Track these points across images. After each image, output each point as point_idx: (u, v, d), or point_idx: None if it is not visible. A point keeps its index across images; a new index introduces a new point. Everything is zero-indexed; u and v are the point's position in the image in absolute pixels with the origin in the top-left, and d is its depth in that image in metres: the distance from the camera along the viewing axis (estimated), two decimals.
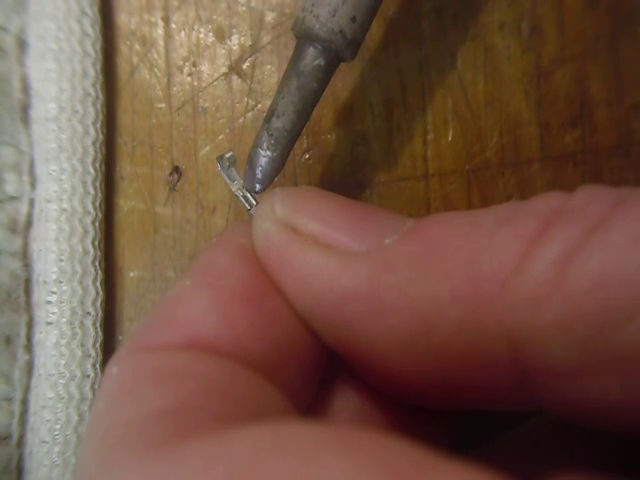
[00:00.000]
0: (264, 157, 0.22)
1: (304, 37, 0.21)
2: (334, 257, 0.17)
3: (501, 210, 0.17)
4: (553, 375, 0.15)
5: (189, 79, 0.28)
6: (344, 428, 0.14)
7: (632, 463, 0.18)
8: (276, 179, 0.26)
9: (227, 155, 0.22)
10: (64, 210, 0.25)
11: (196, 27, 0.27)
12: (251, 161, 0.22)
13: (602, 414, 0.16)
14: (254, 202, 0.22)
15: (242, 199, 0.22)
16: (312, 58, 0.21)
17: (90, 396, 0.25)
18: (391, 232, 0.17)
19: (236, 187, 0.22)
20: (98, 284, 0.26)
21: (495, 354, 0.16)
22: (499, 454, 0.20)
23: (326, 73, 0.22)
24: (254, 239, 0.19)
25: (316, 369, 0.19)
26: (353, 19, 0.21)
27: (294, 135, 0.22)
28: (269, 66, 0.27)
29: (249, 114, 0.27)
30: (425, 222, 0.17)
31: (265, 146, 0.22)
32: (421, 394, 0.18)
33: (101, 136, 0.26)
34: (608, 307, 0.14)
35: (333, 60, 0.22)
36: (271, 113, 0.22)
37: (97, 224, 0.26)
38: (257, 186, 0.22)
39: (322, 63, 0.21)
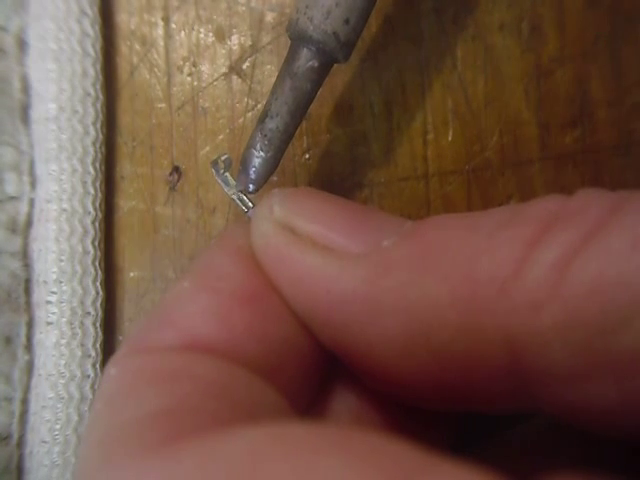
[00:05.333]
0: (257, 158, 0.22)
1: (298, 39, 0.21)
2: (332, 259, 0.17)
3: (500, 213, 0.17)
4: (551, 378, 0.15)
5: (189, 79, 0.28)
6: (342, 429, 0.14)
7: (632, 464, 0.18)
8: (275, 179, 0.26)
9: (222, 157, 0.22)
10: (64, 210, 0.25)
11: (196, 27, 0.27)
12: (244, 162, 0.22)
13: (601, 418, 0.16)
14: (250, 204, 0.22)
15: (238, 202, 0.22)
16: (306, 59, 0.21)
17: (90, 396, 0.25)
18: (389, 234, 0.17)
19: (232, 190, 0.22)
20: (98, 284, 0.26)
21: (493, 357, 0.16)
22: (499, 454, 0.21)
23: (320, 74, 0.22)
24: (252, 240, 0.19)
25: (314, 370, 0.19)
26: (346, 21, 0.21)
27: (288, 136, 0.22)
28: (269, 66, 0.27)
29: (249, 114, 0.27)
30: (423, 224, 0.17)
31: (258, 147, 0.22)
32: (420, 396, 0.18)
33: (101, 136, 0.26)
34: (606, 311, 0.14)
35: (327, 62, 0.22)
36: (265, 114, 0.22)
37: (97, 224, 0.26)
38: (250, 186, 0.22)
39: (316, 65, 0.21)
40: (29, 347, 0.25)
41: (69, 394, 0.24)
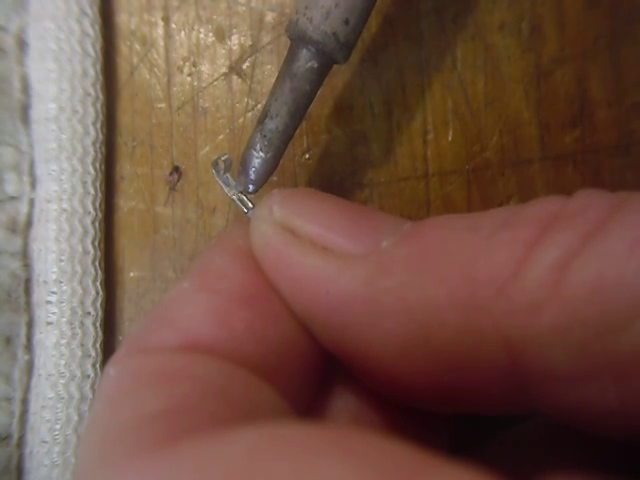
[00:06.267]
0: (257, 158, 0.22)
1: (297, 39, 0.21)
2: (331, 260, 0.17)
3: (499, 214, 0.17)
4: (551, 380, 0.15)
5: (189, 79, 0.28)
6: (340, 429, 0.14)
7: (632, 464, 0.18)
8: (275, 179, 0.26)
9: (223, 158, 0.22)
10: (64, 210, 0.25)
11: (196, 27, 0.27)
12: (244, 162, 0.22)
13: (600, 419, 0.16)
14: (250, 205, 0.22)
15: (238, 202, 0.22)
16: (305, 60, 0.21)
17: (90, 396, 0.25)
18: (389, 235, 0.17)
19: (232, 191, 0.22)
20: (98, 284, 0.26)
21: (493, 358, 0.16)
22: (498, 454, 0.20)
23: (319, 75, 0.22)
24: (252, 241, 0.19)
25: (314, 371, 0.19)
26: (346, 22, 0.21)
27: (287, 137, 0.22)
28: (269, 66, 0.27)
29: (249, 114, 0.27)
30: (423, 225, 0.17)
31: (258, 147, 0.22)
32: (419, 397, 0.18)
33: (101, 136, 0.26)
34: (606, 313, 0.14)
35: (326, 62, 0.22)
36: (264, 115, 0.22)
37: (97, 224, 0.26)
38: (250, 187, 0.22)
39: (315, 65, 0.21)
40: (29, 347, 0.25)
41: (69, 394, 0.24)
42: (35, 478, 0.24)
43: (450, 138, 0.27)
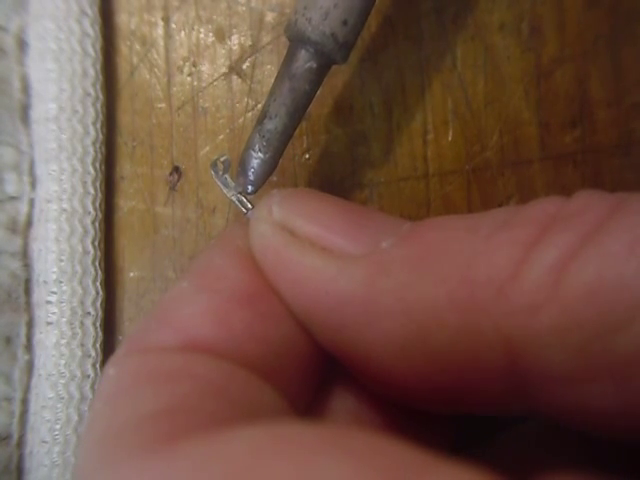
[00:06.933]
0: (256, 159, 0.22)
1: (296, 40, 0.21)
2: (330, 260, 0.17)
3: (498, 215, 0.17)
4: (550, 380, 0.15)
5: (189, 79, 0.28)
6: (340, 429, 0.14)
7: (632, 464, 0.18)
8: (275, 179, 0.26)
9: (222, 159, 0.22)
10: (64, 210, 0.25)
11: (196, 27, 0.27)
12: (243, 163, 0.22)
13: (599, 419, 0.16)
14: (249, 205, 0.22)
15: (237, 203, 0.22)
16: (304, 61, 0.21)
17: (90, 396, 0.25)
18: (388, 235, 0.17)
19: (231, 192, 0.22)
20: (98, 284, 0.26)
21: (491, 359, 0.16)
22: (498, 454, 0.20)
23: (318, 76, 0.22)
24: (251, 241, 0.19)
25: (314, 370, 0.19)
26: (345, 22, 0.21)
27: (286, 137, 0.22)
28: (269, 66, 0.27)
29: (249, 114, 0.27)
30: (422, 226, 0.17)
31: (257, 148, 0.22)
32: (418, 397, 0.18)
33: (101, 136, 0.26)
34: (605, 314, 0.14)
35: (325, 63, 0.22)
36: (263, 115, 0.22)
37: (97, 224, 0.26)
38: (249, 188, 0.22)
39: (314, 66, 0.21)
40: (29, 347, 0.25)
41: (69, 394, 0.24)
42: (35, 478, 0.24)
43: (450, 138, 0.27)
